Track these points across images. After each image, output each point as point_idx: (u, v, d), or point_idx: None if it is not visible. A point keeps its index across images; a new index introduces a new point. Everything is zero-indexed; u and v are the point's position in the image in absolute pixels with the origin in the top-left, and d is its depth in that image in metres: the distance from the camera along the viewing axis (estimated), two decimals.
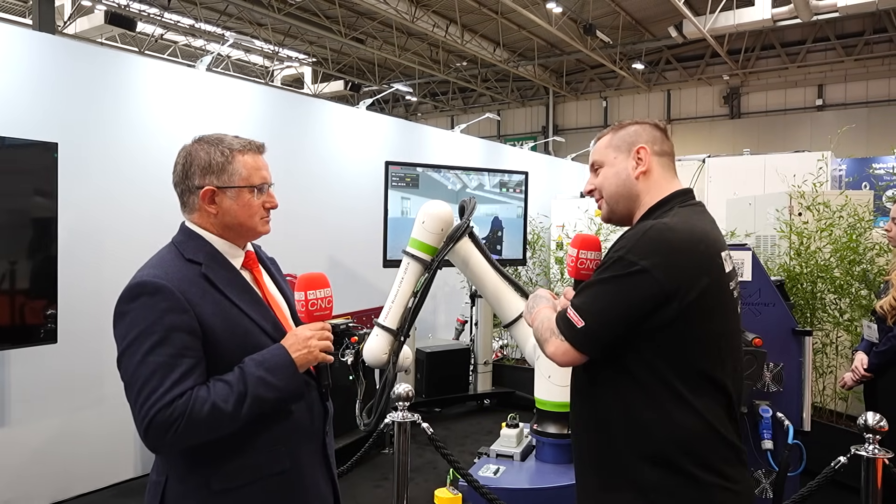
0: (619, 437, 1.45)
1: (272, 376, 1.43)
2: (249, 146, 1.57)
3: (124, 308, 1.42)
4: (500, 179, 5.93)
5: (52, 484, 3.65)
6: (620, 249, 1.42)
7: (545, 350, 1.49)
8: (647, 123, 1.62)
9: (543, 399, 3.37)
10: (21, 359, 3.48)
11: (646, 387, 1.41)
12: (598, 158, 1.64)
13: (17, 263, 3.17)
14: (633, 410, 1.42)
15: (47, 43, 3.84)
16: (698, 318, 1.40)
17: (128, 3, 13.16)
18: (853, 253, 4.32)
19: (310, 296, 1.54)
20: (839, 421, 4.24)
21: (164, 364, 1.36)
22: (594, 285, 1.44)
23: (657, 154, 1.58)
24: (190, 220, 1.56)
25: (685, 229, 1.44)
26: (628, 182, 1.58)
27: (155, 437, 1.34)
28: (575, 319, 1.41)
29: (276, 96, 5.81)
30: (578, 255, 1.67)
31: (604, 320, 1.40)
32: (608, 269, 1.43)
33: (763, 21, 11.79)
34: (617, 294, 1.39)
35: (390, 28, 15.04)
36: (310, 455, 1.59)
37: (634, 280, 1.37)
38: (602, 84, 19.46)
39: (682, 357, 1.40)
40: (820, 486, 2.36)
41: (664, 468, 1.39)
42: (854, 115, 15.37)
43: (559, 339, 1.44)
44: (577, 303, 1.44)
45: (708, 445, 1.40)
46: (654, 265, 1.37)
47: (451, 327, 6.59)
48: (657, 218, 1.49)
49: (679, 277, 1.37)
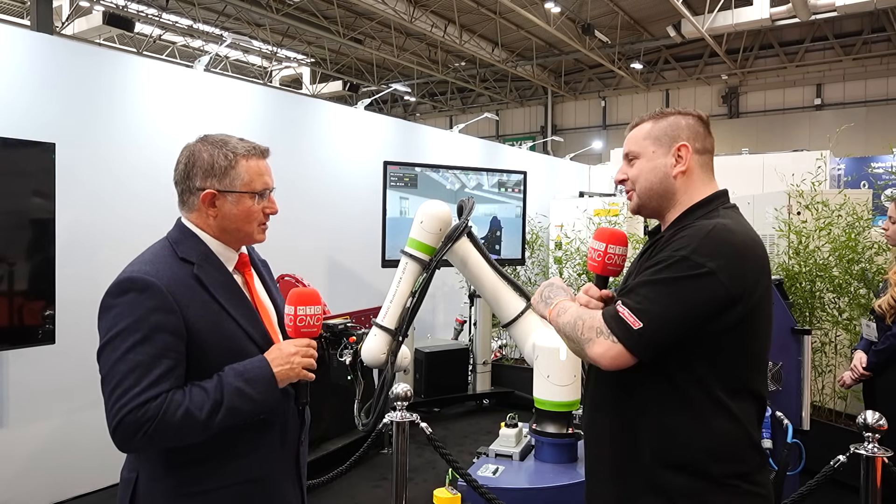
0: (647, 446, 1.39)
1: (250, 388, 1.41)
2: (254, 151, 1.54)
3: (111, 302, 1.40)
4: (498, 179, 5.93)
5: (50, 485, 3.64)
6: (683, 249, 1.33)
7: (589, 350, 1.36)
8: (691, 115, 1.52)
9: (542, 399, 3.37)
10: (19, 360, 3.47)
11: (684, 393, 1.35)
12: (635, 149, 1.53)
13: (15, 264, 3.16)
14: (667, 418, 1.37)
15: (45, 43, 3.84)
16: (753, 326, 1.36)
17: (126, 3, 13.15)
18: (852, 252, 4.32)
19: (299, 311, 1.51)
20: (838, 420, 4.24)
21: (143, 363, 1.34)
22: (651, 285, 1.33)
23: (698, 152, 1.49)
24: (187, 218, 1.54)
25: (743, 232, 1.38)
26: (665, 180, 1.49)
27: (123, 436, 1.32)
28: (631, 320, 1.31)
29: (274, 97, 5.80)
30: (607, 250, 1.55)
31: (664, 323, 1.30)
32: (669, 268, 1.33)
33: (761, 20, 11.80)
34: (680, 296, 1.30)
35: (389, 28, 15.04)
36: (282, 463, 1.57)
37: (701, 282, 1.29)
38: (600, 84, 19.47)
39: (730, 363, 1.35)
40: (819, 484, 2.36)
41: (693, 475, 1.35)
42: (852, 114, 15.39)
43: (609, 339, 1.33)
44: (632, 302, 1.33)
45: (741, 452, 1.37)
46: (720, 267, 1.29)
47: (450, 327, 6.59)
48: (705, 218, 1.41)
49: (744, 282, 1.32)
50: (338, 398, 4.04)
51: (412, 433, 2.66)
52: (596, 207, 7.41)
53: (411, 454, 4.22)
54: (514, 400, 5.71)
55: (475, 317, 5.73)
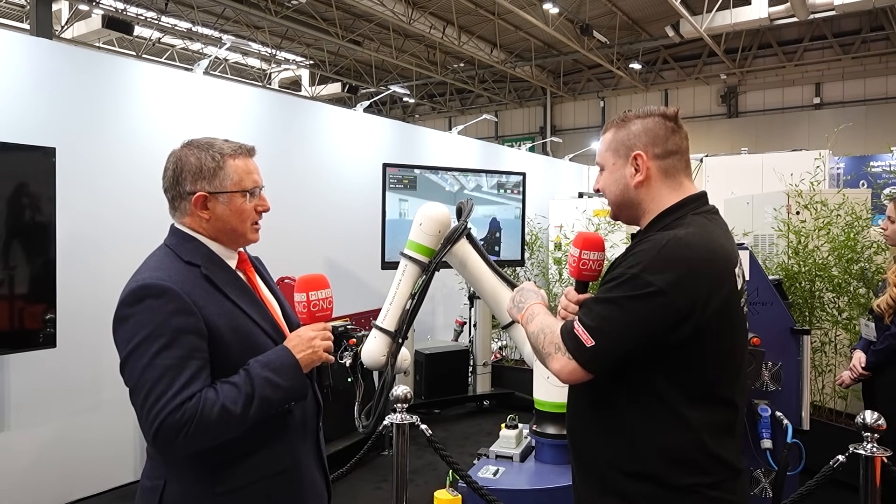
0: (612, 453, 1.43)
1: (278, 377, 1.43)
2: (240, 150, 1.55)
3: (127, 312, 1.39)
4: (497, 180, 5.93)
5: (52, 488, 3.65)
6: (634, 266, 1.34)
7: (548, 365, 1.42)
8: (651, 117, 1.50)
9: (542, 400, 3.37)
10: (20, 363, 3.47)
11: (643, 403, 1.38)
12: (600, 160, 1.56)
13: (16, 268, 3.17)
14: (628, 427, 1.40)
15: (45, 48, 3.84)
16: (710, 338, 1.35)
17: (125, 7, 13.16)
18: (851, 251, 4.33)
19: (311, 297, 1.53)
20: (838, 419, 4.25)
21: (172, 367, 1.34)
22: (606, 303, 1.36)
23: (658, 157, 1.47)
24: (181, 223, 1.55)
25: (701, 244, 1.36)
26: (626, 191, 1.50)
27: (165, 441, 1.33)
28: (584, 338, 1.34)
29: (273, 99, 5.81)
30: (581, 256, 1.60)
31: (614, 341, 1.33)
32: (621, 286, 1.34)
33: (760, 20, 11.82)
34: (630, 315, 1.32)
35: (387, 30, 15.04)
36: (306, 452, 1.60)
37: (650, 301, 1.30)
38: (599, 84, 19.48)
39: (688, 376, 1.36)
40: (819, 484, 2.36)
41: (656, 483, 1.37)
42: (852, 113, 15.39)
43: (566, 356, 1.37)
44: (586, 320, 1.36)
45: (701, 462, 1.37)
46: (669, 285, 1.30)
47: (450, 329, 6.59)
48: (669, 227, 1.41)
49: (695, 298, 1.31)
50: (338, 401, 4.04)
51: (412, 435, 2.67)
52: (595, 208, 7.41)
53: (412, 456, 4.22)
54: (514, 401, 5.71)
55: (475, 318, 5.74)
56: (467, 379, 5.76)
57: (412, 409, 2.74)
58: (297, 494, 1.56)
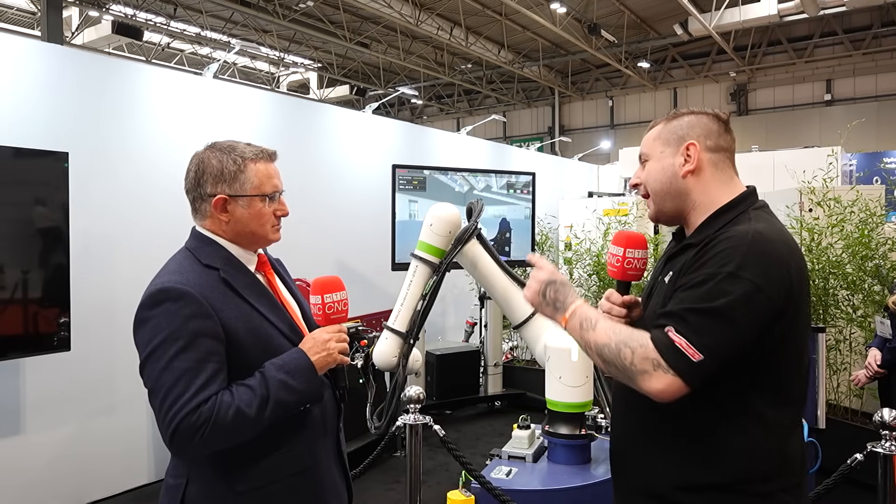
0: (682, 467, 1.35)
1: (293, 379, 1.44)
2: (262, 154, 1.57)
3: (146, 314, 1.41)
4: (507, 181, 5.93)
5: (67, 491, 3.68)
6: (727, 265, 1.25)
7: (644, 384, 1.27)
8: (704, 114, 1.47)
9: (554, 400, 3.36)
10: (36, 367, 3.50)
11: (727, 410, 1.30)
12: (646, 151, 1.50)
13: (30, 272, 3.20)
14: (707, 437, 1.32)
15: (56, 54, 3.88)
16: (793, 335, 1.31)
17: (134, 12, 13.26)
18: (865, 248, 4.29)
19: (327, 299, 1.55)
20: (854, 418, 4.21)
21: (189, 369, 1.36)
22: (706, 313, 1.25)
23: (710, 150, 1.44)
24: (202, 226, 1.57)
25: (781, 240, 1.32)
26: (675, 180, 1.44)
27: (181, 442, 1.34)
28: (690, 352, 1.23)
29: (282, 102, 5.83)
30: (626, 255, 1.51)
31: (722, 352, 1.24)
32: (719, 288, 1.25)
33: (769, 17, 11.76)
34: (736, 322, 1.23)
35: (395, 32, 15.08)
36: (326, 452, 1.61)
37: (752, 302, 1.23)
38: (608, 83, 19.43)
39: (774, 377, 1.30)
40: (836, 484, 2.34)
41: (735, 494, 1.31)
42: (864, 109, 15.27)
43: (668, 374, 1.24)
44: (687, 332, 1.24)
45: (783, 465, 1.32)
46: (767, 284, 1.24)
47: (461, 329, 6.58)
48: (735, 223, 1.35)
49: (788, 295, 1.26)
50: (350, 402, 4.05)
51: (425, 436, 2.67)
52: (605, 207, 7.39)
53: (424, 457, 4.21)
54: (526, 401, 5.69)
55: (486, 319, 5.73)
56: (479, 379, 5.75)
57: (424, 409, 2.73)
58: (318, 494, 1.56)
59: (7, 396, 3.44)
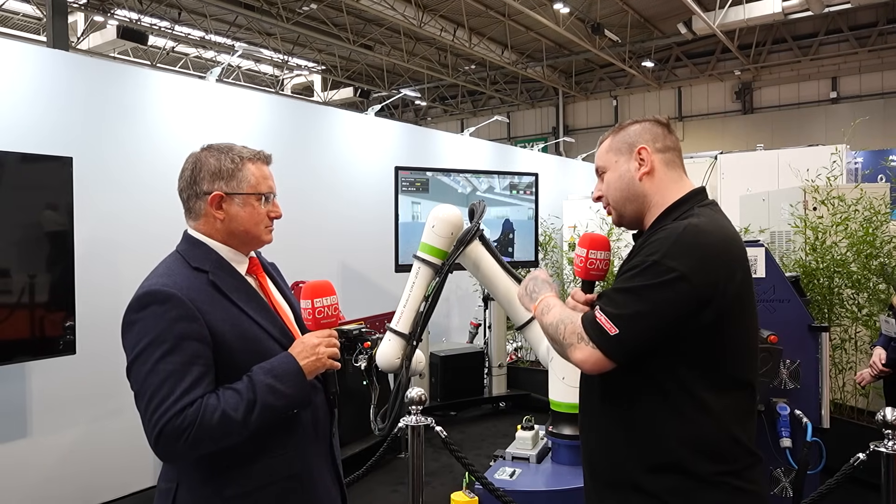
0: (633, 444, 1.42)
1: (281, 384, 1.44)
2: (258, 156, 1.59)
3: (133, 317, 1.42)
4: (510, 182, 5.93)
5: (72, 494, 3.70)
6: (654, 254, 1.36)
7: (571, 355, 1.41)
8: (646, 121, 1.57)
9: (558, 401, 3.36)
10: (41, 370, 3.53)
11: (666, 393, 1.38)
12: (601, 164, 1.60)
13: (36, 276, 3.22)
14: (650, 418, 1.40)
15: (61, 60, 3.91)
16: (731, 322, 1.37)
17: (139, 17, 13.33)
18: (870, 247, 4.27)
19: (316, 303, 1.54)
20: (860, 417, 4.19)
21: (174, 372, 1.36)
22: (627, 291, 1.37)
23: (660, 151, 1.52)
24: (194, 227, 1.57)
25: (716, 231, 1.40)
26: (632, 184, 1.53)
27: (165, 446, 1.35)
28: (607, 326, 1.35)
29: (285, 105, 5.85)
30: (588, 255, 1.61)
31: (638, 328, 1.34)
32: (642, 274, 1.36)
33: (774, 15, 11.70)
34: (653, 301, 1.33)
35: (398, 34, 15.09)
36: (318, 457, 1.60)
37: (671, 287, 1.32)
38: (612, 83, 19.40)
39: (711, 361, 1.37)
40: (839, 483, 2.33)
41: (682, 474, 1.37)
42: (869, 106, 15.20)
43: (589, 346, 1.37)
44: (608, 308, 1.37)
45: (727, 450, 1.38)
46: (690, 270, 1.32)
47: (465, 330, 6.59)
48: (681, 218, 1.44)
49: (715, 282, 1.34)
50: (353, 403, 4.06)
51: (429, 437, 2.67)
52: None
53: (428, 458, 4.23)
54: (530, 402, 5.69)
55: (490, 320, 5.73)
56: (483, 381, 5.75)
57: (428, 411, 2.74)
58: (309, 500, 1.56)
59: (13, 399, 3.46)
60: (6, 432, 3.43)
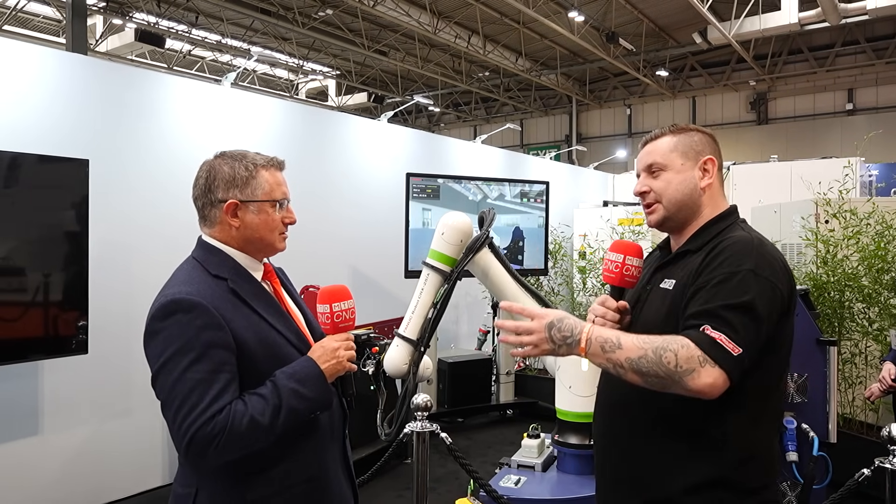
0: (673, 461, 1.41)
1: (304, 388, 1.46)
2: (272, 162, 1.61)
3: (158, 326, 1.42)
4: (520, 189, 5.94)
5: (83, 491, 3.74)
6: (744, 264, 1.35)
7: (692, 383, 1.28)
8: (707, 134, 1.59)
9: (564, 409, 3.37)
10: (54, 369, 3.58)
11: (734, 404, 1.36)
12: (661, 161, 1.55)
13: (50, 276, 3.27)
14: (724, 429, 1.38)
15: (79, 63, 3.98)
16: (790, 330, 1.43)
17: (157, 20, 13.50)
18: (881, 261, 4.24)
19: (335, 308, 1.57)
20: (869, 432, 4.15)
21: (202, 380, 1.37)
22: (736, 309, 1.31)
23: (719, 168, 1.57)
24: (209, 234, 1.58)
25: (773, 245, 1.46)
26: (694, 192, 1.53)
27: (197, 452, 1.36)
28: (731, 347, 1.29)
29: (299, 110, 5.90)
30: (625, 261, 1.57)
31: (756, 343, 1.32)
32: (744, 283, 1.33)
33: (790, 25, 11.64)
34: (762, 317, 1.33)
35: (413, 40, 15.18)
36: (333, 459, 1.63)
37: (773, 298, 1.35)
38: (626, 92, 19.36)
39: (773, 373, 1.42)
40: (843, 498, 2.32)
41: (727, 489, 1.37)
42: (886, 119, 15.06)
43: (715, 367, 1.28)
44: (726, 329, 1.30)
45: (771, 462, 1.43)
46: (779, 281, 1.37)
47: (474, 337, 6.59)
48: (731, 231, 1.48)
49: (791, 292, 1.39)
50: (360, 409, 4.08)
51: (435, 443, 2.69)
52: (620, 217, 7.37)
53: (435, 464, 4.23)
54: (537, 410, 5.69)
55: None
56: (490, 388, 5.76)
57: (436, 417, 2.76)
58: (325, 501, 1.58)
59: (26, 397, 3.52)
60: (18, 430, 3.48)
